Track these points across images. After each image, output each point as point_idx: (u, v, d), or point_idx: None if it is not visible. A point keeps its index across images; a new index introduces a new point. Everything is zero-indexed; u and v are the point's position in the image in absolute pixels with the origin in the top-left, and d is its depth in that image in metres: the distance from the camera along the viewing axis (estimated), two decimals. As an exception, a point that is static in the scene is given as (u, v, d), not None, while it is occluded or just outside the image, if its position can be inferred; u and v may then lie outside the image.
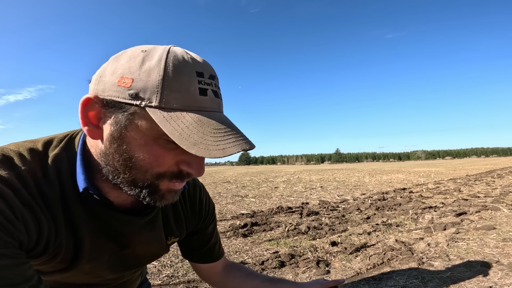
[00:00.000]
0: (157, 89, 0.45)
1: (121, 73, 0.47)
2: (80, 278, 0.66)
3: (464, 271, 1.74)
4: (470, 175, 9.27)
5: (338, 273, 1.81)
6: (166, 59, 0.47)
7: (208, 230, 0.87)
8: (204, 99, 0.48)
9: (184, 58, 0.48)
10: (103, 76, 0.49)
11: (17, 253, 0.45)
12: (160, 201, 0.54)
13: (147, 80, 0.46)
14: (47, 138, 0.58)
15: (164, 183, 0.52)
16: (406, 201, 4.29)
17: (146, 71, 0.46)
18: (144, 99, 0.46)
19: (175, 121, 0.45)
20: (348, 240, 2.49)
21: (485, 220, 3.00)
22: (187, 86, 0.47)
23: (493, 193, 4.80)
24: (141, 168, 0.49)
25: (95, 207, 0.57)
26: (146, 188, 0.51)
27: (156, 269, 1.90)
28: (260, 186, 7.57)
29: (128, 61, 0.48)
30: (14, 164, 0.49)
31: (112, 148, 0.49)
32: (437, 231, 2.63)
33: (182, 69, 0.47)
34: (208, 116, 0.48)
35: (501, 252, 2.02)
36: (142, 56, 0.48)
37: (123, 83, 0.46)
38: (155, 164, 0.49)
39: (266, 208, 4.10)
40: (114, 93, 0.47)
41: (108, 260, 0.64)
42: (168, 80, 0.45)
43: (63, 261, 0.57)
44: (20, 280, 0.43)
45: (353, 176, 10.88)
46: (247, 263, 2.00)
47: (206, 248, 0.87)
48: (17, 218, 0.45)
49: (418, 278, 1.68)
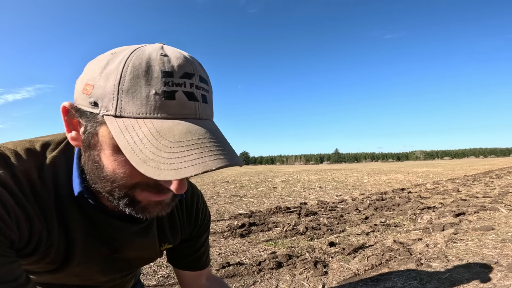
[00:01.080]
0: (113, 95, 0.41)
1: (86, 79, 0.45)
2: (71, 280, 0.66)
3: (463, 272, 1.72)
4: (468, 175, 9.28)
5: (336, 274, 1.79)
6: (127, 60, 0.41)
7: (201, 239, 0.85)
8: (171, 103, 0.41)
9: (151, 57, 0.42)
10: (76, 83, 0.48)
11: (8, 251, 0.44)
12: (143, 213, 0.50)
13: (104, 86, 0.41)
14: (46, 139, 0.57)
15: (140, 194, 0.48)
16: (405, 202, 4.28)
17: (105, 76, 0.42)
18: (102, 107, 0.42)
19: (130, 132, 0.40)
20: (346, 240, 2.47)
21: (483, 220, 2.98)
22: (147, 90, 0.40)
23: (491, 194, 4.79)
24: (110, 178, 0.46)
25: (89, 211, 0.56)
26: (122, 198, 0.47)
27: (152, 270, 1.87)
28: (258, 186, 7.56)
29: (95, 65, 0.45)
30: (10, 163, 0.48)
31: (85, 156, 0.48)
32: (436, 232, 2.62)
33: (142, 70, 0.41)
34: (172, 124, 0.41)
35: (500, 253, 2.01)
36: (108, 59, 0.43)
37: (86, 91, 0.44)
38: (125, 175, 0.45)
39: (264, 208, 4.08)
40: (81, 101, 0.45)
41: (99, 264, 0.64)
42: (125, 84, 0.40)
43: (53, 262, 0.56)
44: (9, 279, 0.43)
45: (351, 176, 10.87)
46: (244, 263, 1.98)
47: (194, 257, 0.84)
48: (9, 217, 0.44)
49: (417, 279, 1.67)
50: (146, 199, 0.48)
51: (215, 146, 0.41)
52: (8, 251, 0.44)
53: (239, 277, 1.78)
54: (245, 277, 1.77)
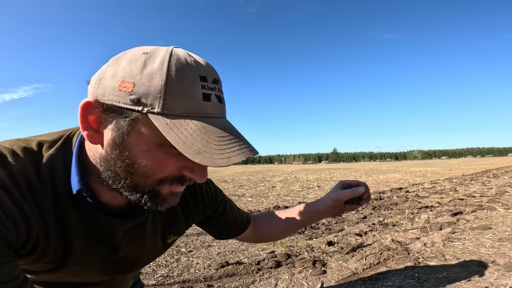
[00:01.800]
0: (159, 95, 0.44)
1: (122, 76, 0.45)
2: (70, 278, 0.66)
3: (460, 271, 1.74)
4: (466, 174, 9.32)
5: (334, 273, 1.80)
6: (169, 62, 0.45)
7: (221, 212, 0.89)
8: (208, 104, 0.47)
9: (187, 61, 0.46)
10: (103, 79, 0.47)
11: (5, 252, 0.44)
12: (162, 205, 0.53)
13: (149, 84, 0.44)
14: (42, 138, 0.57)
15: (165, 187, 0.52)
16: (403, 201, 4.30)
17: (148, 75, 0.44)
18: (147, 104, 0.44)
19: (179, 128, 0.44)
20: (345, 239, 2.48)
21: (481, 219, 3.00)
22: (191, 91, 0.45)
23: (488, 193, 4.82)
24: (143, 174, 0.49)
25: (87, 209, 0.56)
26: (147, 193, 0.51)
27: (151, 269, 1.88)
28: (257, 186, 7.56)
29: (129, 63, 0.46)
30: (7, 162, 0.48)
31: (113, 154, 0.48)
32: (433, 231, 2.64)
33: (185, 72, 0.45)
34: (212, 123, 0.47)
35: (497, 252, 2.02)
36: (144, 58, 0.46)
37: (124, 88, 0.45)
38: (158, 170, 0.49)
39: (263, 208, 4.09)
40: (115, 97, 0.45)
41: (98, 263, 0.64)
42: (171, 85, 0.44)
43: (51, 261, 0.56)
44: (6, 279, 0.43)
45: (350, 175, 10.90)
46: (243, 263, 1.99)
47: (231, 226, 0.92)
48: (6, 217, 0.44)
49: (414, 278, 1.68)
50: (168, 191, 0.53)
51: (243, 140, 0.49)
52: (6, 251, 0.44)
53: (238, 276, 1.79)
54: (244, 276, 1.78)
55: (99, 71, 0.50)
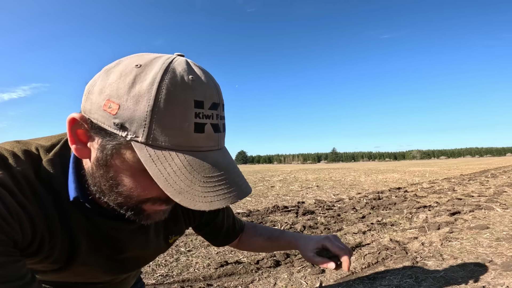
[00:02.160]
0: (144, 122, 0.40)
1: (108, 94, 0.42)
2: (74, 278, 0.67)
3: (458, 271, 1.75)
4: (464, 174, 9.35)
5: (333, 273, 1.81)
6: (160, 82, 0.40)
7: (218, 219, 0.89)
8: (200, 136, 0.43)
9: (184, 80, 0.41)
10: (91, 93, 0.45)
11: (11, 251, 0.45)
12: (146, 221, 0.53)
13: (134, 109, 0.40)
14: (40, 141, 0.57)
15: (148, 206, 0.51)
16: (401, 201, 4.31)
17: (134, 96, 0.40)
18: (130, 131, 0.41)
19: (162, 162, 0.41)
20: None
21: (478, 219, 3.02)
22: (181, 121, 0.41)
23: (487, 193, 4.84)
24: (127, 195, 0.48)
25: (88, 214, 0.57)
26: (131, 210, 0.51)
27: (150, 268, 1.88)
28: (256, 185, 7.57)
29: (118, 79, 0.42)
30: (9, 164, 0.48)
31: (98, 173, 0.48)
32: (431, 231, 2.65)
33: (177, 98, 0.40)
34: (201, 157, 0.43)
35: (494, 252, 2.04)
36: (134, 74, 0.42)
37: (109, 109, 0.41)
38: (142, 193, 0.48)
39: (262, 207, 4.10)
40: (100, 117, 0.43)
41: (103, 264, 0.64)
42: (159, 112, 0.40)
43: (57, 261, 0.57)
44: (14, 277, 0.44)
45: (349, 175, 10.92)
46: (242, 262, 1.99)
47: (224, 232, 0.92)
48: (12, 217, 0.44)
49: (412, 277, 1.69)
50: (152, 209, 0.52)
51: (237, 178, 0.47)
52: (12, 251, 0.45)
53: (237, 275, 1.79)
54: (243, 276, 1.79)
55: (90, 81, 0.48)
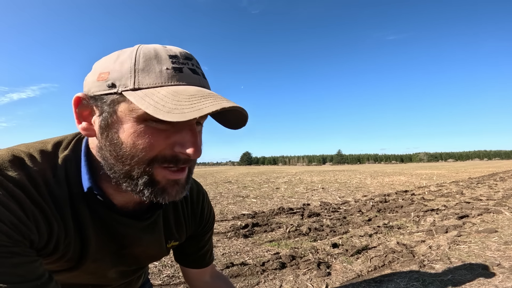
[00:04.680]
0: (130, 74, 0.48)
1: (100, 70, 0.51)
2: (86, 278, 0.67)
3: (465, 274, 1.73)
4: (472, 178, 9.23)
5: (339, 275, 1.81)
6: (138, 49, 0.50)
7: (205, 238, 0.88)
8: (180, 74, 0.49)
9: (156, 48, 0.51)
10: (86, 79, 0.53)
11: (28, 251, 0.46)
12: (162, 196, 0.52)
13: (120, 69, 0.49)
14: (57, 139, 0.59)
15: (158, 170, 0.50)
16: (408, 204, 4.28)
17: (119, 63, 0.49)
18: (120, 85, 0.48)
19: (150, 96, 0.46)
20: (349, 242, 2.48)
21: (487, 223, 2.98)
22: (160, 67, 0.48)
23: (495, 196, 4.78)
24: (132, 155, 0.48)
25: (98, 208, 0.58)
26: (141, 177, 0.50)
27: (157, 269, 1.90)
28: (261, 187, 7.57)
29: (105, 60, 0.52)
30: (25, 165, 0.50)
31: (102, 139, 0.51)
32: (439, 234, 2.63)
33: (152, 54, 0.49)
34: (185, 87, 0.48)
35: (502, 255, 2.01)
36: (117, 53, 0.52)
37: (101, 77, 0.50)
38: (146, 147, 0.48)
39: (267, 209, 4.10)
40: (96, 88, 0.50)
41: (111, 260, 0.65)
42: (140, 64, 0.48)
43: (70, 260, 0.58)
44: (32, 277, 0.45)
45: (354, 177, 10.86)
46: (248, 264, 2.00)
47: (198, 255, 0.88)
48: (28, 218, 0.46)
49: (419, 280, 1.68)
50: (164, 178, 0.51)
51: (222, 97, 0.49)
52: (29, 251, 0.46)
53: (243, 277, 1.80)
54: (249, 277, 1.79)
55: None
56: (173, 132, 0.49)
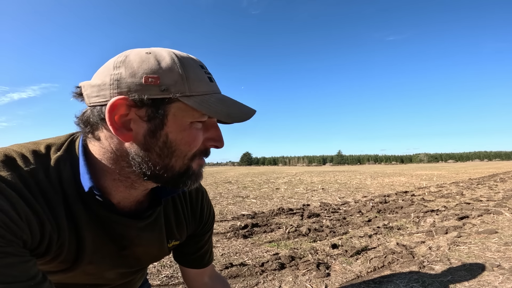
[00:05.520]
0: (183, 81, 0.52)
1: (144, 73, 0.51)
2: (83, 279, 0.67)
3: (465, 275, 1.73)
4: (472, 178, 9.22)
5: (338, 276, 1.80)
6: (176, 57, 0.54)
7: (204, 237, 0.88)
8: (213, 84, 0.58)
9: (186, 56, 0.56)
10: (120, 79, 0.51)
11: (22, 251, 0.46)
12: (196, 181, 0.60)
13: (171, 75, 0.51)
14: (49, 141, 0.59)
15: (195, 162, 0.59)
16: (408, 204, 4.27)
17: (167, 68, 0.52)
18: (176, 91, 0.51)
19: (206, 103, 0.53)
20: (349, 242, 2.48)
21: (487, 224, 2.98)
22: (202, 76, 0.55)
23: (495, 197, 4.77)
24: (181, 152, 0.55)
25: (96, 208, 0.57)
26: (182, 170, 0.57)
27: (156, 270, 1.90)
28: (261, 187, 7.57)
29: (142, 63, 0.52)
30: (17, 165, 0.50)
31: (152, 143, 0.53)
32: (439, 235, 2.62)
33: (191, 64, 0.55)
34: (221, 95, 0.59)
35: (502, 256, 2.01)
36: (153, 57, 0.53)
37: (151, 81, 0.51)
38: (193, 145, 0.56)
39: (267, 209, 4.10)
40: (144, 91, 0.50)
41: (110, 261, 0.65)
42: (188, 73, 0.53)
43: (65, 261, 0.58)
44: (25, 278, 0.44)
45: (354, 178, 10.85)
46: (247, 264, 2.00)
47: (197, 255, 0.88)
48: (20, 218, 0.45)
49: (419, 281, 1.67)
50: (197, 164, 0.60)
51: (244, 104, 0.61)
52: (22, 251, 0.46)
53: (242, 277, 1.80)
54: (248, 278, 1.79)
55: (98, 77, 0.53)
56: (205, 130, 0.58)
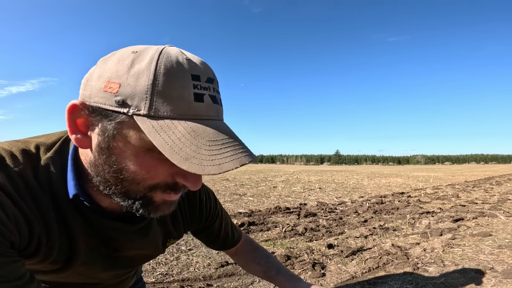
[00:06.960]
0: (146, 95, 0.41)
1: (108, 77, 0.43)
2: (76, 279, 0.67)
3: (458, 277, 1.74)
4: (468, 181, 9.27)
5: (334, 276, 1.81)
6: (158, 60, 0.42)
7: (214, 227, 0.89)
8: (200, 105, 0.44)
9: (178, 60, 0.43)
10: (90, 80, 0.46)
11: (9, 251, 0.45)
12: (155, 213, 0.51)
13: (135, 85, 0.41)
14: (40, 140, 0.56)
15: (158, 194, 0.49)
16: (404, 206, 4.29)
17: (134, 74, 0.42)
18: (132, 106, 0.41)
19: (166, 131, 0.41)
20: (345, 243, 2.49)
21: (481, 226, 3.00)
22: (181, 91, 0.42)
23: (491, 200, 4.80)
24: (133, 180, 0.47)
25: (86, 212, 0.56)
26: (139, 200, 0.49)
27: (150, 267, 1.90)
28: (258, 185, 7.58)
29: (116, 63, 0.44)
30: (6, 165, 0.48)
31: (101, 159, 0.47)
32: (434, 237, 2.64)
33: (175, 71, 0.42)
34: (204, 125, 0.43)
35: (495, 259, 2.03)
36: (132, 57, 0.43)
37: (110, 89, 0.42)
38: (148, 176, 0.46)
39: (264, 208, 4.10)
40: (100, 99, 0.43)
41: (102, 263, 0.64)
42: (159, 84, 0.41)
43: (56, 262, 0.57)
44: (13, 277, 0.44)
45: (352, 178, 10.88)
46: (242, 263, 2.00)
47: (219, 241, 0.93)
48: (8, 219, 0.44)
49: (413, 283, 1.69)
50: (162, 199, 0.51)
51: (241, 144, 0.46)
52: (9, 251, 0.45)
53: (237, 276, 1.80)
54: (243, 277, 1.79)
55: (87, 73, 0.48)
56: None
